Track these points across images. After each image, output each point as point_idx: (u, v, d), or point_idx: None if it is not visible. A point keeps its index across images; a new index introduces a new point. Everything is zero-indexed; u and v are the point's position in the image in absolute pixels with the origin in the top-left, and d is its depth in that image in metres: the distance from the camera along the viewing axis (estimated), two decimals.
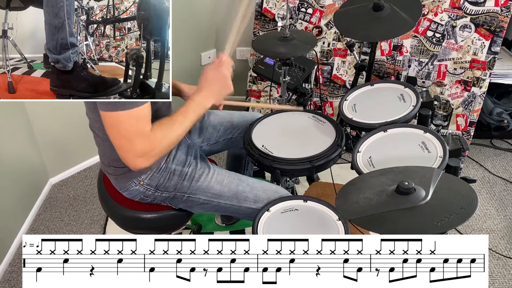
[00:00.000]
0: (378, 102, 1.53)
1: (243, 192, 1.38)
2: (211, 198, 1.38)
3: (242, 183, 1.40)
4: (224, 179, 1.40)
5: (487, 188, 2.23)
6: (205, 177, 1.38)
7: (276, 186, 1.43)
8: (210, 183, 1.38)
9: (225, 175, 1.41)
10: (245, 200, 1.38)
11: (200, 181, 1.37)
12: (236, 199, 1.38)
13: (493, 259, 1.85)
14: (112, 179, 1.40)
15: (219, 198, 1.38)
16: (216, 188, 1.38)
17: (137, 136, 1.13)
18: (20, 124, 2.06)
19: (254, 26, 2.43)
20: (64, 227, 2.08)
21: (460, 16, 2.06)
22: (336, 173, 1.87)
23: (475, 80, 2.12)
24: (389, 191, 1.03)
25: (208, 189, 1.37)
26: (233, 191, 1.38)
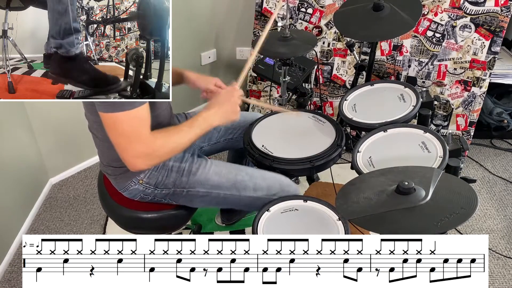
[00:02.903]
0: (378, 102, 1.53)
1: (242, 181, 1.38)
2: (210, 189, 1.38)
3: (241, 173, 1.40)
4: (222, 170, 1.40)
5: (487, 188, 2.23)
6: (202, 170, 1.38)
7: (275, 174, 1.42)
8: (208, 175, 1.38)
9: (223, 166, 1.41)
10: (244, 189, 1.38)
11: (197, 174, 1.37)
12: (236, 189, 1.38)
13: (493, 259, 1.85)
14: (112, 179, 1.40)
15: (218, 189, 1.38)
16: (215, 179, 1.38)
17: (135, 137, 1.14)
18: (20, 124, 2.06)
19: (254, 26, 2.43)
20: (64, 227, 2.08)
21: (460, 16, 2.06)
22: (336, 173, 1.87)
23: (475, 80, 2.12)
24: (389, 191, 1.03)
25: (206, 181, 1.37)
26: (232, 181, 1.38)
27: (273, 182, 1.39)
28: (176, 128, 1.24)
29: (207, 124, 1.27)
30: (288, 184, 1.41)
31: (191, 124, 1.25)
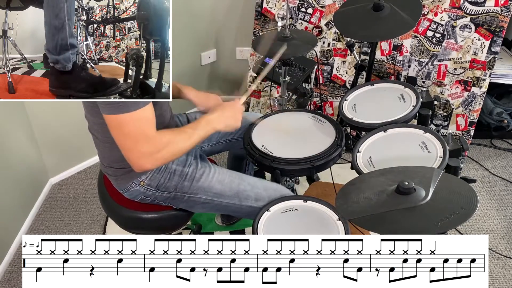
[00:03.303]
0: (378, 102, 1.53)
1: (244, 191, 1.38)
2: (213, 197, 1.38)
3: (243, 182, 1.40)
4: (225, 178, 1.40)
5: (487, 188, 2.23)
6: (206, 177, 1.38)
7: (277, 185, 1.43)
8: (211, 183, 1.38)
9: (226, 174, 1.41)
10: (246, 199, 1.38)
11: (201, 181, 1.37)
12: (238, 198, 1.38)
13: (493, 259, 1.85)
14: (112, 180, 1.40)
15: (220, 197, 1.38)
16: (218, 188, 1.38)
17: (141, 137, 1.14)
18: (20, 124, 2.06)
19: (254, 26, 2.43)
20: (64, 227, 2.08)
21: (460, 16, 2.06)
22: (336, 173, 1.87)
23: (475, 80, 2.12)
24: (389, 191, 1.03)
25: (209, 188, 1.38)
26: (234, 190, 1.38)
27: (274, 193, 1.39)
28: (181, 130, 1.26)
29: (210, 127, 1.29)
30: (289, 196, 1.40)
31: (195, 127, 1.27)
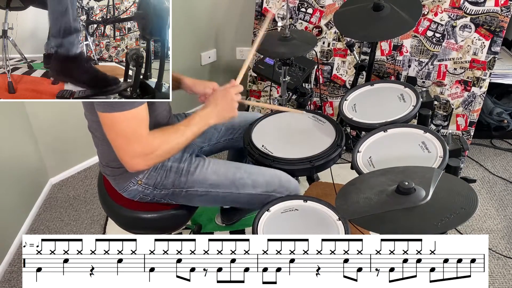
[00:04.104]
0: (378, 102, 1.53)
1: (240, 178, 1.38)
2: (209, 188, 1.38)
3: (239, 171, 1.40)
4: (220, 169, 1.40)
5: (487, 188, 2.23)
6: (200, 169, 1.38)
7: (274, 170, 1.41)
8: (207, 174, 1.38)
9: (221, 165, 1.41)
10: (243, 186, 1.38)
11: (196, 174, 1.37)
12: (235, 187, 1.38)
13: (493, 259, 1.85)
14: (111, 179, 1.40)
15: (217, 188, 1.38)
16: (213, 178, 1.38)
17: (133, 136, 1.14)
18: (20, 124, 2.06)
19: (254, 26, 2.43)
20: (64, 227, 2.08)
21: (460, 16, 2.06)
22: (336, 173, 1.87)
23: (475, 80, 2.12)
24: (389, 191, 1.03)
25: (205, 180, 1.37)
26: (230, 179, 1.38)
27: (272, 178, 1.38)
28: (174, 128, 1.25)
29: (204, 122, 1.28)
30: (287, 180, 1.40)
31: (188, 123, 1.26)
